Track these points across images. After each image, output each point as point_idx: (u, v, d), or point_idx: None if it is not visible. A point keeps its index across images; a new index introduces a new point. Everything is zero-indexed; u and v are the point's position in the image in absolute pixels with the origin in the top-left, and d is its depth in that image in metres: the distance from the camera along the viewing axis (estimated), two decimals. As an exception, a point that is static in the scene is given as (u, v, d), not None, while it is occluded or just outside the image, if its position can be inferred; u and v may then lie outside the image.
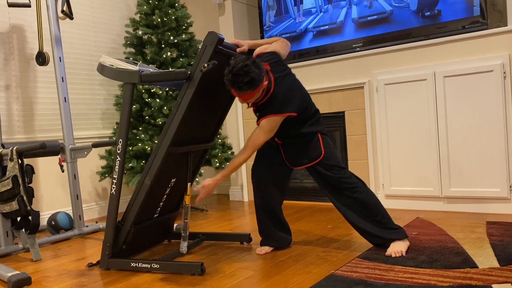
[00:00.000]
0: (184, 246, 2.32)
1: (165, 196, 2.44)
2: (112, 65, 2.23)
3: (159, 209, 2.47)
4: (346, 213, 2.26)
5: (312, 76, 3.71)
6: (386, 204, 3.33)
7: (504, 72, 2.83)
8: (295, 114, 2.19)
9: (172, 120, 2.11)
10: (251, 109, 2.63)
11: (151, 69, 2.32)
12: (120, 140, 2.20)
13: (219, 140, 3.80)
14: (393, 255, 2.12)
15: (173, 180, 2.40)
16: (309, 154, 2.27)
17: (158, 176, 2.20)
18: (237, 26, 4.25)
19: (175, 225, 2.88)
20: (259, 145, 2.19)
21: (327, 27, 3.68)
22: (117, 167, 2.21)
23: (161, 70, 2.14)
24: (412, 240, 2.37)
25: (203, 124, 2.40)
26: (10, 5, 3.12)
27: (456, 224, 2.67)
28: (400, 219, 2.93)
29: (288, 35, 3.87)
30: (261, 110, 2.19)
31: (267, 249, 2.39)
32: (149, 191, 2.20)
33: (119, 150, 2.21)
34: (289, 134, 2.28)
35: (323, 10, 3.72)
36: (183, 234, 2.32)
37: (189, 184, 2.37)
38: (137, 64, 2.28)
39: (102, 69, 2.22)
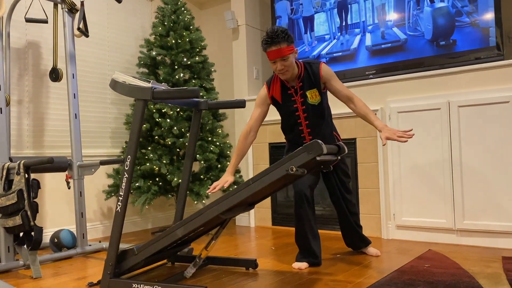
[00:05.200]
0: (191, 271, 2.25)
1: (186, 237, 2.38)
2: (125, 82, 2.21)
3: (174, 244, 2.41)
4: (347, 218, 2.67)
5: (324, 102, 3.69)
6: (397, 235, 3.24)
7: (521, 104, 2.78)
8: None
9: (233, 194, 2.03)
10: (260, 132, 2.69)
11: (163, 87, 2.31)
12: (129, 157, 2.17)
13: (228, 163, 3.76)
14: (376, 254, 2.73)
15: (201, 228, 2.34)
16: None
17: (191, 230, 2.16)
18: (250, 50, 4.27)
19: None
20: None
21: (340, 53, 3.68)
22: (124, 184, 2.17)
23: (174, 88, 2.12)
24: (425, 273, 2.28)
25: (256, 197, 2.30)
26: (28, 20, 3.16)
27: (470, 258, 2.57)
28: (411, 250, 2.84)
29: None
30: (310, 84, 2.51)
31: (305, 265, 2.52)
32: (176, 239, 2.15)
33: (127, 167, 2.17)
34: (326, 125, 2.58)
35: (336, 37, 3.73)
36: (197, 260, 2.26)
37: (213, 241, 2.30)
38: (149, 82, 2.27)
39: (115, 84, 2.21)
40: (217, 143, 3.67)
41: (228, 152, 3.77)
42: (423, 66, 3.27)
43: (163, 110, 3.55)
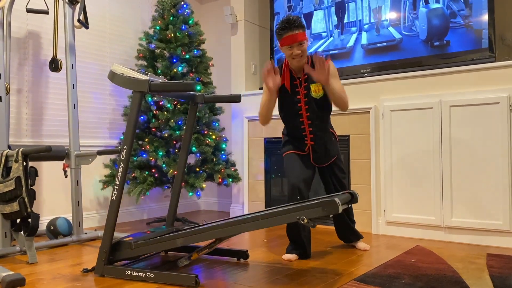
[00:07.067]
0: (184, 262, 2.31)
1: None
2: (123, 74, 2.27)
3: None
4: (340, 213, 2.71)
5: (319, 99, 3.74)
6: (387, 230, 3.30)
7: (511, 105, 2.84)
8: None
9: (239, 224, 2.09)
10: (256, 127, 2.71)
11: (160, 80, 2.36)
12: (125, 147, 2.23)
13: (224, 156, 3.81)
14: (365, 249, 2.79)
15: None
16: (333, 149, 2.69)
17: None
18: (249, 46, 4.32)
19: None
20: None
21: (336, 51, 3.73)
22: (119, 173, 2.23)
23: (170, 81, 2.18)
24: (410, 267, 2.35)
25: None
26: (29, 10, 3.21)
27: (456, 254, 2.64)
28: (399, 246, 2.90)
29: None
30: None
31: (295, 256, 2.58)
32: (174, 247, 2.22)
33: (123, 157, 2.23)
34: (325, 123, 2.65)
35: (333, 35, 3.78)
36: (191, 255, 2.32)
37: (206, 250, 2.34)
38: (147, 74, 2.32)
39: (113, 76, 2.27)
40: (213, 137, 3.73)
41: (223, 146, 3.82)
42: (417, 66, 3.33)
43: (160, 103, 3.60)
